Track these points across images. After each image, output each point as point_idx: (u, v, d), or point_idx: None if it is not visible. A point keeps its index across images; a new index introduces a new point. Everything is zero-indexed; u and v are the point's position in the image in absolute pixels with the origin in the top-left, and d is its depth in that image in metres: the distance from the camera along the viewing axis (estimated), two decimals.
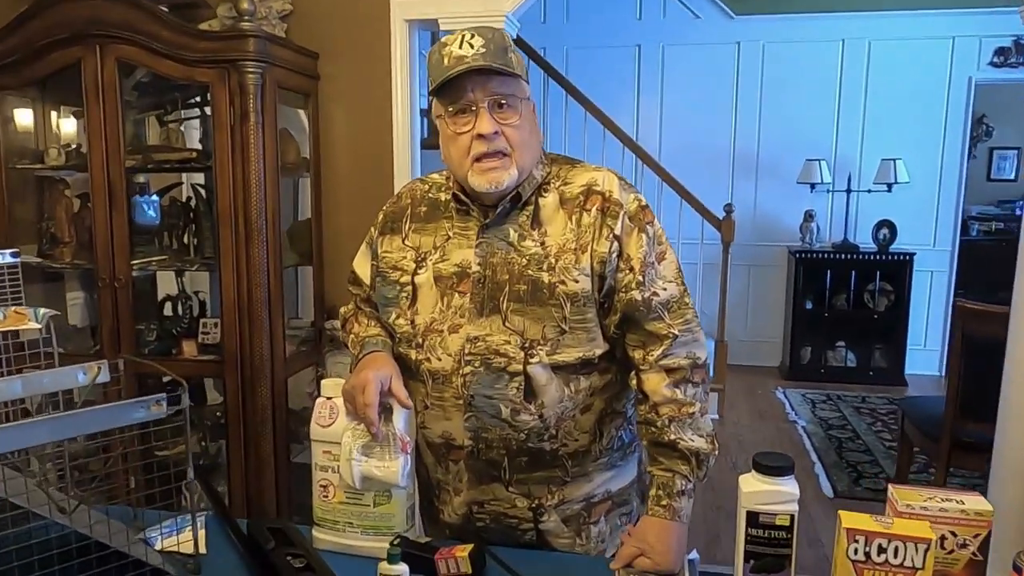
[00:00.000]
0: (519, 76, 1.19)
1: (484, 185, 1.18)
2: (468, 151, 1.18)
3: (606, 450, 1.28)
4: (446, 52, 1.16)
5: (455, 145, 1.20)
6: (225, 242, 2.35)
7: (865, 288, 5.23)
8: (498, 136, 1.17)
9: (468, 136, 1.18)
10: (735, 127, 5.44)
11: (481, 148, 1.17)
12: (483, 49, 1.15)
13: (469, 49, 1.15)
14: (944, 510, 0.98)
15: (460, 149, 1.20)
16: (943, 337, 5.41)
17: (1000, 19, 4.95)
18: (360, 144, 2.68)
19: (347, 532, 1.26)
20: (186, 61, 2.28)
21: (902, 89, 5.17)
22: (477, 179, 1.19)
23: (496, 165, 1.18)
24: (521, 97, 1.19)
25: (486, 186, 1.18)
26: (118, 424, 1.08)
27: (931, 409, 3.08)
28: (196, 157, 2.53)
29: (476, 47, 1.15)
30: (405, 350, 1.27)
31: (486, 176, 1.18)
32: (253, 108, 2.28)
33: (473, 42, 1.16)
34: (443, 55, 1.17)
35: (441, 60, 1.17)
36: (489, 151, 1.17)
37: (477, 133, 1.17)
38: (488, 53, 1.15)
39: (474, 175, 1.19)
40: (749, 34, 5.33)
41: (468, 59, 1.14)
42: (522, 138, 1.19)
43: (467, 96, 1.17)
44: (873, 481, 3.56)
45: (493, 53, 1.15)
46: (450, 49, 1.16)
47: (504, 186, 1.19)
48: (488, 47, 1.15)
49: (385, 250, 1.32)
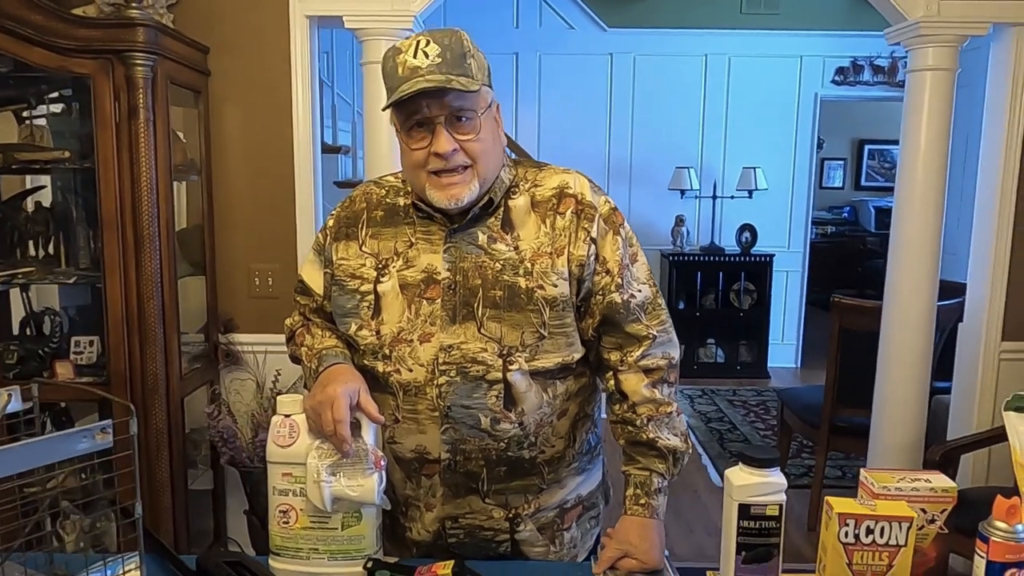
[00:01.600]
0: (478, 88, 1.12)
1: (443, 201, 1.14)
2: (424, 164, 1.13)
3: (578, 454, 1.27)
4: (400, 60, 1.10)
5: (411, 159, 1.15)
6: (110, 250, 2.13)
7: (731, 288, 5.58)
8: (456, 152, 1.12)
9: (424, 152, 1.12)
10: (609, 135, 5.65)
11: (438, 164, 1.12)
12: (439, 59, 1.08)
13: (424, 59, 1.08)
14: (915, 489, 1.05)
15: (416, 163, 1.14)
16: (798, 332, 5.89)
17: (840, 41, 5.48)
18: (257, 146, 2.52)
19: (312, 559, 1.17)
20: (61, 50, 2.04)
21: (759, 102, 5.57)
22: (436, 194, 1.14)
23: (456, 180, 1.13)
24: (481, 108, 1.14)
25: (445, 202, 1.14)
26: (60, 457, 0.95)
27: (808, 398, 3.33)
28: (69, 157, 2.27)
29: (431, 56, 1.08)
30: (371, 362, 1.20)
31: (445, 192, 1.13)
32: (143, 104, 2.08)
33: (428, 50, 1.09)
34: (397, 63, 1.10)
35: (395, 68, 1.10)
36: (447, 168, 1.12)
37: (434, 152, 1.11)
38: (444, 63, 1.09)
39: (432, 189, 1.14)
40: (621, 46, 5.55)
41: (423, 71, 1.08)
42: (483, 148, 1.14)
43: (422, 112, 1.11)
44: None
45: (450, 63, 1.09)
46: (404, 57, 1.09)
47: (464, 202, 1.14)
48: (444, 56, 1.09)
49: (341, 257, 1.24)
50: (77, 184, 2.35)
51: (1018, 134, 2.50)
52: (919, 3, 2.43)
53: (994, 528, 1.00)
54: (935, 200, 2.55)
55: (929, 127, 2.50)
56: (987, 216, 2.61)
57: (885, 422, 2.70)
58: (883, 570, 1.00)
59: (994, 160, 2.57)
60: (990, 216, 2.59)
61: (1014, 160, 2.52)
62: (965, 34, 2.45)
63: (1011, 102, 2.50)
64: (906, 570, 1.00)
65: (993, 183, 2.57)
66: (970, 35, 2.47)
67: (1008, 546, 0.98)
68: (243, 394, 2.54)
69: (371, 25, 2.43)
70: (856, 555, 1.00)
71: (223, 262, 2.57)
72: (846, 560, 1.00)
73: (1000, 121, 2.53)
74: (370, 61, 2.48)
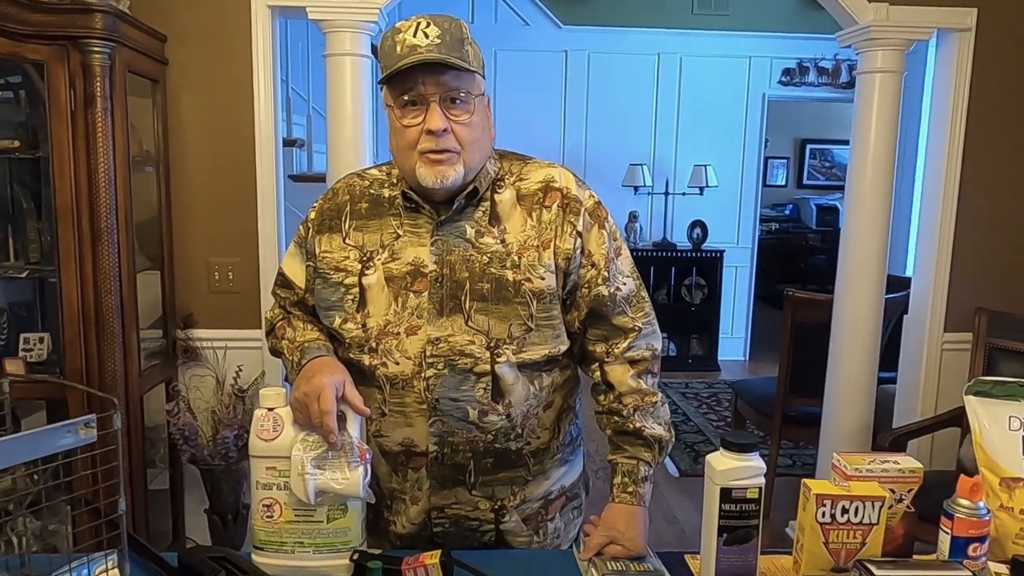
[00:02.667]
0: (474, 71, 1.15)
1: (430, 178, 1.14)
2: (415, 145, 1.14)
3: (562, 446, 1.29)
4: (399, 39, 1.11)
5: (402, 136, 1.15)
6: (66, 243, 2.06)
7: (683, 283, 5.71)
8: (447, 134, 1.13)
9: (416, 130, 1.13)
10: (564, 132, 5.70)
11: (429, 144, 1.13)
12: (438, 40, 1.10)
13: (424, 39, 1.10)
14: (885, 470, 1.11)
15: (407, 141, 1.15)
16: (747, 325, 6.05)
17: (787, 43, 5.64)
18: (216, 138, 2.47)
19: (297, 553, 1.16)
20: (13, 35, 1.97)
21: (709, 101, 5.70)
22: (424, 171, 1.14)
23: (443, 159, 1.14)
24: (475, 93, 1.16)
25: (432, 179, 1.14)
26: (43, 453, 0.93)
27: (761, 389, 3.44)
28: (19, 147, 2.19)
29: (431, 37, 1.10)
30: (356, 355, 1.19)
31: (433, 169, 1.14)
32: (100, 92, 2.02)
33: (428, 31, 1.11)
34: (396, 42, 1.11)
35: (393, 47, 1.11)
36: (437, 148, 1.13)
37: (427, 128, 1.12)
38: (443, 44, 1.10)
39: (422, 166, 1.14)
40: (575, 44, 5.60)
41: (422, 49, 1.09)
42: (473, 136, 1.16)
43: (418, 88, 1.12)
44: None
45: (448, 45, 1.11)
46: (403, 36, 1.11)
47: (450, 182, 1.15)
48: (444, 38, 1.11)
49: (324, 250, 1.23)
50: (26, 175, 2.27)
51: (960, 134, 2.63)
52: (869, 8, 2.53)
53: (958, 505, 1.06)
54: (883, 197, 2.66)
55: (878, 126, 2.60)
56: (931, 213, 2.73)
57: (836, 410, 2.81)
58: (857, 547, 1.05)
59: (938, 159, 2.69)
60: (934, 213, 2.71)
61: (956, 159, 2.65)
62: (912, 39, 2.57)
63: (954, 103, 2.62)
64: (878, 547, 1.05)
65: (937, 182, 2.70)
66: (916, 39, 2.58)
67: (971, 522, 1.05)
68: (203, 391, 2.49)
69: (335, 17, 2.40)
70: (832, 534, 1.05)
71: (181, 256, 2.52)
72: (823, 539, 1.05)
73: (943, 121, 2.65)
74: (333, 53, 2.45)
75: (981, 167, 2.66)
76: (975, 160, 2.65)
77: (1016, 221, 2.71)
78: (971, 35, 2.58)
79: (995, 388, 1.19)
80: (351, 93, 2.45)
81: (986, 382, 1.19)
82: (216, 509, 2.42)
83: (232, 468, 2.37)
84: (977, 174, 2.66)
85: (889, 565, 1.02)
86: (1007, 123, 2.65)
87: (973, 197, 2.67)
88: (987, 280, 2.72)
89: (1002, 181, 2.68)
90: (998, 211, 2.69)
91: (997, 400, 1.19)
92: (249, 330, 2.52)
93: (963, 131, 2.63)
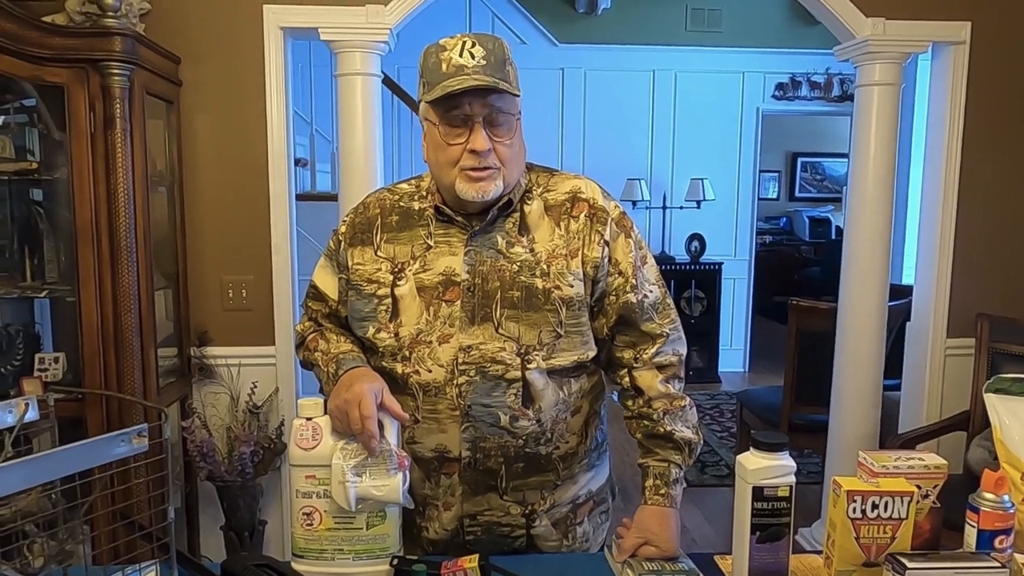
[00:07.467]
0: (516, 95, 1.18)
1: (471, 193, 1.18)
2: (457, 162, 1.18)
3: (589, 451, 1.32)
4: (444, 57, 1.15)
5: (444, 153, 1.18)
6: (86, 263, 2.09)
7: (682, 296, 5.75)
8: (490, 153, 1.16)
9: (460, 148, 1.17)
10: (562, 148, 5.75)
11: (472, 162, 1.16)
12: (483, 61, 1.14)
13: (470, 59, 1.14)
14: (911, 467, 1.14)
15: (449, 158, 1.18)
16: (746, 337, 6.09)
17: (780, 58, 5.74)
18: (230, 157, 2.50)
19: (337, 560, 1.18)
20: (33, 58, 2.00)
21: (704, 116, 5.78)
22: (465, 186, 1.18)
23: (484, 176, 1.17)
24: (515, 114, 1.19)
25: (473, 194, 1.18)
26: (98, 462, 0.95)
27: (766, 398, 3.47)
28: (36, 168, 2.22)
29: (477, 57, 1.14)
30: (389, 364, 1.22)
31: (474, 185, 1.17)
32: (120, 114, 2.06)
33: (475, 51, 1.14)
34: (441, 59, 1.15)
35: (439, 64, 1.15)
36: (479, 166, 1.17)
37: (471, 148, 1.16)
38: (489, 66, 1.14)
39: (462, 182, 1.18)
40: (572, 61, 5.68)
41: (468, 70, 1.13)
42: (512, 154, 1.19)
43: (463, 109, 1.15)
44: (716, 468, 3.92)
45: (493, 66, 1.14)
46: (449, 55, 1.14)
47: (490, 196, 1.19)
48: (488, 59, 1.14)
49: (357, 262, 1.26)
50: (44, 196, 2.29)
51: (958, 144, 2.69)
52: (867, 23, 2.59)
53: (983, 499, 1.09)
54: (884, 207, 2.71)
55: (878, 137, 2.66)
56: (931, 221, 2.79)
57: (843, 417, 2.84)
58: (887, 542, 1.08)
59: (936, 169, 2.75)
60: (934, 221, 2.77)
61: (954, 168, 2.71)
62: (908, 52, 2.63)
63: (950, 113, 2.68)
64: (907, 541, 1.08)
65: (936, 190, 2.75)
66: (913, 52, 2.65)
67: (997, 515, 1.08)
68: (218, 408, 2.50)
69: (347, 37, 2.45)
70: (863, 529, 1.08)
71: (195, 274, 2.54)
72: (854, 534, 1.08)
73: (941, 131, 2.72)
74: (344, 73, 2.50)
75: (978, 175, 2.72)
76: (972, 168, 2.71)
77: (1014, 227, 2.77)
78: (966, 47, 2.65)
79: (1014, 385, 1.23)
80: (362, 112, 2.49)
81: (1005, 379, 1.23)
82: (232, 526, 2.43)
83: (249, 484, 2.38)
84: (975, 182, 2.72)
85: (920, 558, 1.05)
86: (1002, 131, 2.71)
87: (971, 204, 2.73)
88: (988, 286, 2.77)
89: (999, 188, 2.74)
90: (996, 217, 2.75)
91: (1016, 397, 1.23)
92: (263, 347, 2.55)
93: (960, 140, 2.69)
